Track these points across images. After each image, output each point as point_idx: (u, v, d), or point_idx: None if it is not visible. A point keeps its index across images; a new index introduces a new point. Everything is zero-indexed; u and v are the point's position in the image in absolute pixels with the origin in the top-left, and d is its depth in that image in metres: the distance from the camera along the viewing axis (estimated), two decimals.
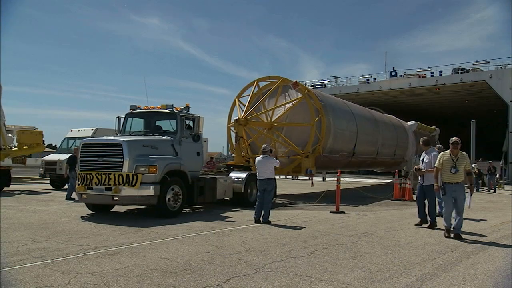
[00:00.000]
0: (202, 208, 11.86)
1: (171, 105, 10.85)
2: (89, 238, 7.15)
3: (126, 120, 11.33)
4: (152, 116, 11.26)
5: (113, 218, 9.52)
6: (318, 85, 40.74)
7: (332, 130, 16.02)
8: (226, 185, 12.11)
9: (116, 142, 9.43)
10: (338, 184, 11.97)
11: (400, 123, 25.75)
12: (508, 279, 5.21)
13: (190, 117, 11.05)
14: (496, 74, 32.77)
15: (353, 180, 26.00)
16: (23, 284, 4.54)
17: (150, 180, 9.24)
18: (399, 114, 28.85)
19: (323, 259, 5.88)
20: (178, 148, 10.40)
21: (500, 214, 11.86)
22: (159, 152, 9.84)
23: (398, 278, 5.02)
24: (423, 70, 38.18)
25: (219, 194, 11.76)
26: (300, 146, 14.93)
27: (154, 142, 10.02)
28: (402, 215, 11.20)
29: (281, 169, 14.63)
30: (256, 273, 5.10)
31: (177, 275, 4.95)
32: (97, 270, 5.12)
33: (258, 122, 15.66)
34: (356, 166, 20.89)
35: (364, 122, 19.58)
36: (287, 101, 15.51)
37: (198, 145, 11.16)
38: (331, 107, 16.71)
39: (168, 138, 10.40)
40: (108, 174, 9.20)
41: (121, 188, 9.07)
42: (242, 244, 6.86)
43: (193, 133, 10.92)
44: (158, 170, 9.33)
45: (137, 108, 11.34)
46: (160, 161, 9.50)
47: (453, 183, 7.74)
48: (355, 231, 8.33)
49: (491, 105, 38.49)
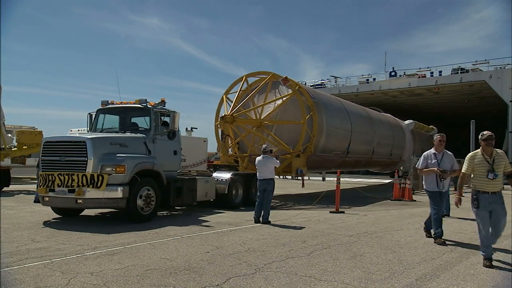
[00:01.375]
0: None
1: (145, 99, 10.10)
2: (88, 238, 7.14)
3: (98, 117, 10.56)
4: (127, 113, 10.43)
5: (114, 218, 9.51)
6: (318, 85, 40.74)
7: (325, 128, 15.42)
8: (207, 186, 11.44)
9: (79, 140, 8.68)
10: (337, 184, 11.98)
11: (397, 122, 25.29)
12: (508, 279, 5.21)
13: (165, 113, 10.24)
14: (496, 74, 32.77)
15: (353, 180, 25.98)
16: (23, 284, 4.54)
17: (117, 181, 8.49)
18: (398, 114, 28.83)
19: (322, 259, 5.88)
20: (151, 146, 9.62)
21: None
22: (129, 151, 9.08)
23: (398, 278, 5.02)
24: (422, 70, 38.21)
25: (200, 196, 11.07)
26: (290, 145, 14.38)
27: (124, 139, 9.26)
28: (401, 215, 11.20)
29: None
30: (255, 273, 5.10)
31: (177, 275, 4.95)
32: (97, 270, 5.12)
33: (246, 120, 15.06)
34: (350, 166, 20.19)
35: (359, 120, 18.99)
36: (277, 98, 14.88)
37: (174, 143, 10.40)
38: (324, 104, 16.11)
39: (140, 136, 9.63)
40: (71, 174, 8.43)
41: (85, 190, 8.31)
42: (242, 244, 6.86)
43: (169, 130, 10.13)
44: (126, 170, 8.58)
45: (109, 103, 10.55)
46: (129, 160, 8.76)
47: (489, 192, 5.82)
48: (355, 231, 8.33)
49: (490, 105, 38.50)
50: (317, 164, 16.04)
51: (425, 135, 30.49)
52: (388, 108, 34.49)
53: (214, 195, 11.73)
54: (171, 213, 10.82)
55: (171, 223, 8.87)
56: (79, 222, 8.95)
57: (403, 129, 25.15)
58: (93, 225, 8.61)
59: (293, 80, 14.89)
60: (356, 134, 18.02)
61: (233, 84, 16.10)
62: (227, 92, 16.05)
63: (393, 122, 24.53)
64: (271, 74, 15.07)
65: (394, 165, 24.47)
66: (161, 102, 10.29)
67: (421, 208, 13.03)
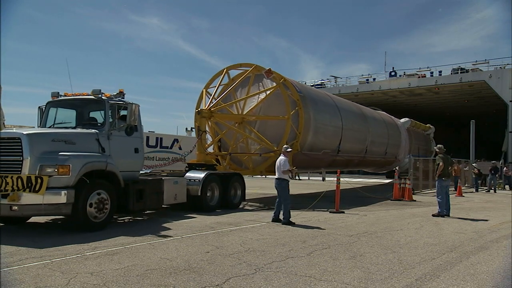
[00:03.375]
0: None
1: (98, 90, 8.89)
2: (88, 238, 7.14)
3: (48, 111, 9.27)
4: (83, 106, 9.28)
5: None
6: (317, 85, 40.78)
7: (312, 125, 14.40)
8: (177, 188, 10.35)
9: (13, 136, 7.49)
10: (337, 184, 11.97)
11: (392, 120, 24.51)
12: (508, 279, 5.21)
13: (122, 105, 9.02)
14: (496, 74, 32.80)
15: (353, 180, 25.98)
16: (23, 284, 4.54)
17: (60, 183, 7.28)
18: (398, 114, 28.81)
19: (322, 259, 5.88)
20: (105, 144, 8.43)
21: (500, 214, 11.86)
22: (77, 149, 7.88)
23: (398, 278, 5.02)
24: (422, 70, 38.27)
25: (168, 199, 10.00)
26: (275, 142, 13.38)
27: (70, 136, 8.03)
28: (401, 215, 11.20)
29: (253, 168, 13.93)
30: (255, 273, 5.10)
31: (177, 275, 4.95)
32: (97, 270, 5.12)
33: (225, 115, 14.12)
34: (342, 166, 18.96)
35: (351, 117, 18.06)
36: (260, 91, 13.90)
37: (135, 140, 9.22)
38: (312, 99, 15.11)
39: (92, 131, 8.40)
40: (4, 177, 7.20)
41: (21, 194, 7.09)
42: (242, 244, 6.86)
43: (126, 125, 8.85)
44: (71, 170, 7.39)
45: (61, 95, 9.35)
46: (75, 159, 7.55)
47: None
48: (355, 231, 8.33)
49: (490, 105, 38.54)
50: (304, 163, 14.88)
51: (422, 134, 30.27)
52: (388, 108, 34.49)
53: (185, 198, 10.68)
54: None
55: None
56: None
57: (399, 128, 24.40)
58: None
59: (278, 73, 13.97)
60: (348, 132, 17.17)
61: (214, 77, 15.02)
62: (207, 86, 14.93)
63: (388, 120, 23.83)
64: (254, 66, 14.05)
65: (389, 165, 23.88)
66: (119, 93, 9.21)
67: (421, 208, 13.05)
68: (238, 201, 12.44)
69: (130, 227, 8.53)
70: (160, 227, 8.43)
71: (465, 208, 13.27)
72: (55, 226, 8.69)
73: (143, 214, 10.24)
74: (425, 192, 19.42)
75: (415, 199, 15.49)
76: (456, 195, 18.07)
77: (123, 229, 8.10)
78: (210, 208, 11.08)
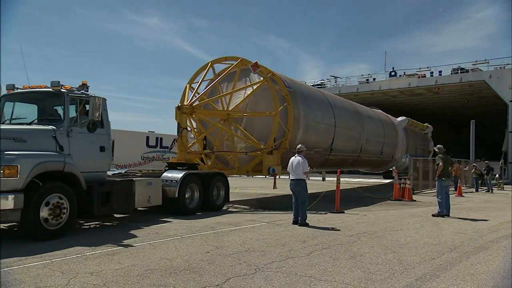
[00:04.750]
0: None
1: (57, 82, 8.07)
2: (88, 238, 7.14)
3: (3, 105, 8.44)
4: (41, 100, 8.43)
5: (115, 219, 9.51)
6: (317, 85, 40.71)
7: (303, 122, 13.78)
8: (151, 189, 9.55)
9: None
10: (337, 184, 11.96)
11: (389, 119, 23.89)
12: (507, 279, 5.21)
13: (84, 99, 8.14)
14: (496, 74, 32.77)
15: (353, 180, 25.99)
16: (23, 284, 4.54)
17: (6, 187, 6.44)
18: (398, 114, 28.74)
19: (322, 259, 5.89)
20: (64, 141, 7.59)
21: (499, 214, 11.86)
22: (29, 147, 7.04)
23: (398, 278, 5.02)
24: (422, 70, 38.22)
25: (140, 202, 9.22)
26: (263, 141, 12.79)
27: (20, 133, 7.18)
28: (401, 215, 11.20)
29: (239, 168, 13.27)
30: (255, 273, 5.10)
31: (177, 275, 4.95)
32: (97, 270, 5.12)
33: (208, 111, 13.45)
34: (335, 165, 18.11)
35: (345, 115, 17.34)
36: (246, 85, 13.27)
37: (101, 137, 8.36)
38: (302, 95, 14.50)
39: (47, 128, 7.54)
40: None
41: None
42: (242, 244, 6.86)
43: (88, 120, 7.95)
44: (19, 172, 6.55)
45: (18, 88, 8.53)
46: (24, 159, 6.70)
47: None
48: (355, 231, 8.33)
49: (490, 105, 38.53)
50: None
51: (420, 133, 29.91)
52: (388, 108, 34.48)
53: (161, 200, 9.89)
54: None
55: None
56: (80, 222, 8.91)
57: (395, 126, 23.76)
58: (92, 225, 8.58)
59: (265, 66, 13.30)
60: (341, 130, 16.50)
61: (198, 71, 14.16)
62: (191, 81, 14.13)
63: (384, 118, 23.13)
64: (240, 59, 13.34)
65: (386, 164, 23.32)
66: (82, 85, 8.39)
67: (421, 208, 13.05)
68: (221, 203, 11.72)
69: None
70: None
71: (465, 208, 13.27)
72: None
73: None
74: (425, 192, 19.41)
75: (415, 199, 15.49)
76: (456, 195, 18.06)
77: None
78: (189, 211, 10.34)
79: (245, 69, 13.35)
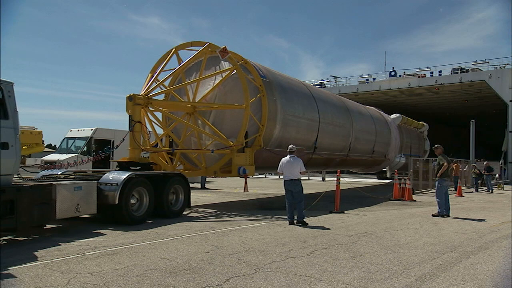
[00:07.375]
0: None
1: None
2: (88, 238, 7.14)
3: None
4: None
5: None
6: (318, 85, 40.77)
7: (280, 116, 12.41)
8: (80, 195, 7.84)
9: None
10: (337, 184, 11.96)
11: (381, 116, 22.75)
12: (507, 279, 5.21)
13: None
14: (496, 74, 32.81)
15: (353, 180, 26.00)
16: (23, 284, 4.54)
17: None
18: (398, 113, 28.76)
19: (322, 259, 5.89)
20: None
21: (499, 214, 11.86)
22: None
23: (398, 278, 5.02)
24: (422, 70, 38.28)
25: (64, 211, 7.49)
26: (233, 137, 11.48)
27: None
28: (401, 215, 11.20)
29: (206, 168, 11.91)
30: (255, 273, 5.10)
31: (177, 275, 4.95)
32: (97, 270, 5.12)
33: (168, 102, 12.09)
34: (320, 165, 16.71)
35: (330, 110, 15.94)
36: (216, 72, 11.82)
37: (3, 131, 6.56)
38: (280, 86, 12.98)
39: None
40: None
41: None
42: (242, 244, 6.86)
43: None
44: None
45: None
46: None
47: None
48: (355, 231, 8.33)
49: (490, 105, 38.58)
50: (270, 162, 12.30)
51: (415, 132, 29.34)
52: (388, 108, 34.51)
53: (95, 208, 8.23)
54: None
55: None
56: (80, 222, 8.88)
57: (389, 124, 22.57)
58: (92, 225, 8.56)
59: (236, 53, 11.87)
60: (326, 126, 15.22)
61: (161, 59, 12.57)
62: (154, 69, 12.43)
63: (376, 115, 21.87)
64: (207, 43, 11.79)
65: (378, 164, 22.51)
66: None
67: (421, 208, 13.05)
68: (180, 209, 10.18)
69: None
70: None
71: (465, 208, 13.27)
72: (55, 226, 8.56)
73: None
74: (425, 192, 19.42)
75: (415, 199, 15.49)
76: (456, 195, 18.06)
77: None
78: (135, 220, 8.68)
79: (215, 57, 11.85)
